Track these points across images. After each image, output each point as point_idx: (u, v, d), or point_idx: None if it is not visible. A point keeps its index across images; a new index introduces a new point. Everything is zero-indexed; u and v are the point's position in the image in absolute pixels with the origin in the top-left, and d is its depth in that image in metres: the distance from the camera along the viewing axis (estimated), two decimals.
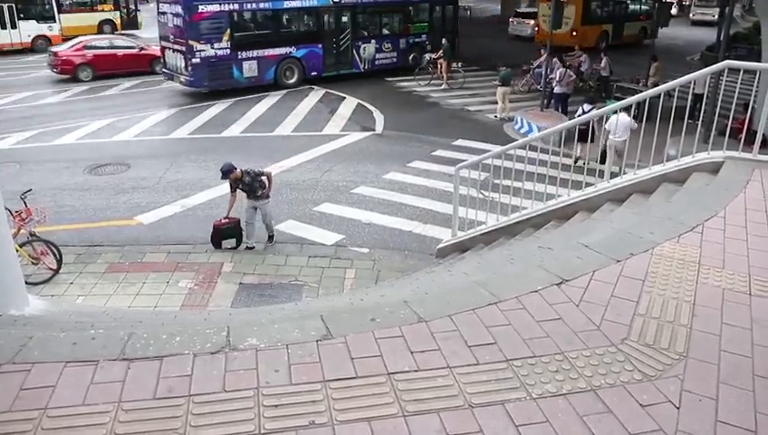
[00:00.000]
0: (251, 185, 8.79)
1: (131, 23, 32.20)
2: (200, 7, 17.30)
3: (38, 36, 26.43)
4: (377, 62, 21.41)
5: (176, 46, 18.08)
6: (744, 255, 3.99)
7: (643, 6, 31.02)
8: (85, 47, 21.01)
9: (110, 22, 30.98)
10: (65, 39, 27.63)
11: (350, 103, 17.94)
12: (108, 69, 20.88)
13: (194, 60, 17.54)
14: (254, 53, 18.59)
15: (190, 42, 17.40)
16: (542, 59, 17.62)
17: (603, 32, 28.30)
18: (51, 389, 2.55)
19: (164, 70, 19.30)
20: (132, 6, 32.41)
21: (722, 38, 14.20)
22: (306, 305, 5.84)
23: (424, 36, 22.27)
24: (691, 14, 42.53)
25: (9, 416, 2.42)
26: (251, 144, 14.07)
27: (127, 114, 16.38)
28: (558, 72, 16.16)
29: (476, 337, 3.01)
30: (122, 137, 14.54)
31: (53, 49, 21.37)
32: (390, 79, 21.10)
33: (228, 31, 17.89)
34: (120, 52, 21.51)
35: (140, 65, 21.35)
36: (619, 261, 3.83)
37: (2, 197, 4.14)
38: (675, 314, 3.29)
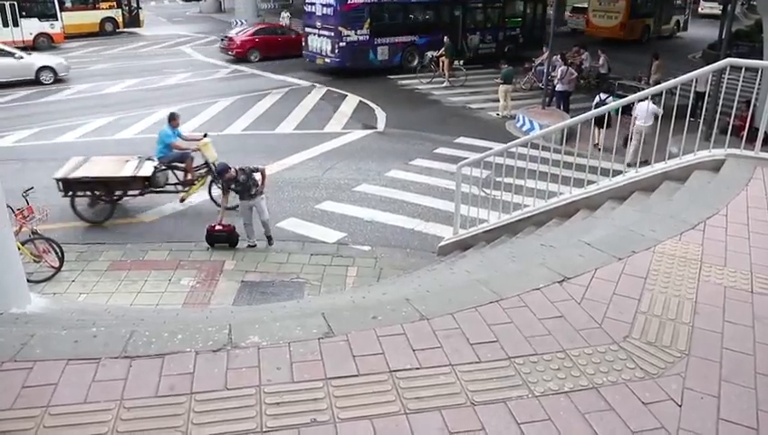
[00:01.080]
0: (245, 183, 8.66)
1: (133, 21, 32.21)
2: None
3: (40, 34, 26.40)
4: (479, 51, 23.86)
5: (323, 32, 21.12)
6: (746, 252, 3.98)
7: (677, 1, 33.62)
8: (253, 33, 24.36)
9: (111, 20, 31.05)
10: (67, 37, 27.79)
11: (351, 101, 17.94)
12: (270, 52, 23.96)
13: (341, 44, 20.57)
14: (387, 39, 21.59)
15: (339, 28, 20.38)
16: (544, 57, 17.59)
17: (646, 25, 29.98)
18: (52, 387, 2.56)
19: (305, 52, 22.34)
20: (134, 4, 32.34)
21: (723, 36, 14.16)
22: (308, 303, 5.84)
23: (517, 30, 24.91)
24: (699, 8, 43.52)
25: (11, 414, 2.43)
26: (253, 142, 14.06)
27: (132, 112, 16.39)
28: (560, 70, 16.14)
29: (478, 335, 3.01)
30: (124, 135, 14.56)
31: (228, 35, 24.82)
32: (392, 77, 21.16)
33: (369, 20, 20.88)
34: (281, 38, 24.89)
35: (296, 49, 23.54)
36: (620, 259, 3.83)
37: (3, 194, 4.15)
38: (677, 311, 3.29)
